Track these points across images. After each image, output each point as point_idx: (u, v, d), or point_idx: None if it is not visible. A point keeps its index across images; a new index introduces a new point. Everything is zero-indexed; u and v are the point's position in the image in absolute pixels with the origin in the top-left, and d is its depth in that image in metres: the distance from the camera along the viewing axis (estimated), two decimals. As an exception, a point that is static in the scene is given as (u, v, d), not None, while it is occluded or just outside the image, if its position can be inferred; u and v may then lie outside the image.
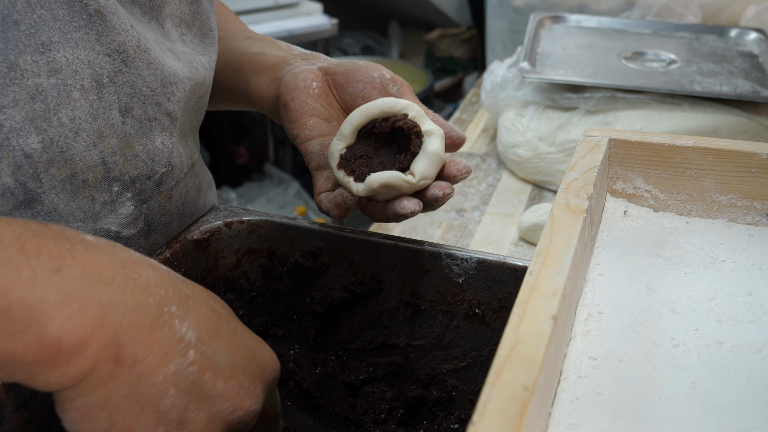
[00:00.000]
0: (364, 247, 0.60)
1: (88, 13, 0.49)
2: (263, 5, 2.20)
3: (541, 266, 0.42)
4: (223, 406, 0.40)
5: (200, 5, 0.60)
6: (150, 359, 0.37)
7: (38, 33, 0.46)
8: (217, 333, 0.41)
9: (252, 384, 0.42)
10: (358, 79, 0.60)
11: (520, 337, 0.37)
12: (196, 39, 0.61)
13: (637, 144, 0.58)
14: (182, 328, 0.38)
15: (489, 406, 0.32)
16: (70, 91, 0.48)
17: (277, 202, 2.75)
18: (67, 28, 0.48)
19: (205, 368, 0.39)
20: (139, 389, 0.37)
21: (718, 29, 1.24)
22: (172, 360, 0.37)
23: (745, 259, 0.54)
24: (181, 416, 0.38)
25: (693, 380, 0.42)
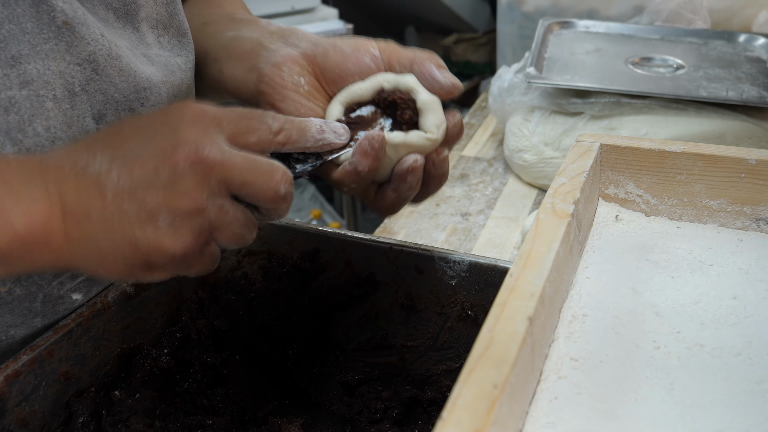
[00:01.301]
0: (359, 249, 0.62)
1: (56, 25, 0.50)
2: (280, 10, 2.22)
3: (522, 269, 0.43)
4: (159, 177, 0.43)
5: (176, 6, 0.61)
6: (93, 201, 0.42)
7: (8, 47, 0.48)
8: (124, 140, 0.45)
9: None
10: (352, 71, 0.56)
11: (495, 337, 0.38)
12: (174, 40, 0.61)
13: (628, 149, 0.59)
14: (96, 166, 0.43)
15: (458, 403, 0.33)
16: (43, 102, 0.50)
17: (293, 205, 2.77)
18: (37, 41, 0.49)
19: (128, 167, 0.43)
20: (107, 219, 0.42)
21: (726, 35, 1.24)
22: (104, 188, 0.43)
23: (732, 263, 0.54)
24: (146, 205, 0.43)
25: (671, 381, 0.43)
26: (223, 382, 0.62)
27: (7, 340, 0.53)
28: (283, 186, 0.46)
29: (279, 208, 0.47)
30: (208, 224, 0.44)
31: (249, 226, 0.47)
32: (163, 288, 0.59)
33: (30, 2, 0.48)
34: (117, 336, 0.56)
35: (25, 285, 0.53)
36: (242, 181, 0.45)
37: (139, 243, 0.43)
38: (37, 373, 0.49)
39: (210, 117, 0.45)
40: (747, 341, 0.46)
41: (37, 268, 0.44)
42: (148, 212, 0.43)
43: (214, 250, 0.46)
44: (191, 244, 0.44)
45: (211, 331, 0.62)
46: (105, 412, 0.52)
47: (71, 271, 0.47)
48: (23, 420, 0.48)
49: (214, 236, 0.45)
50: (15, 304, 0.52)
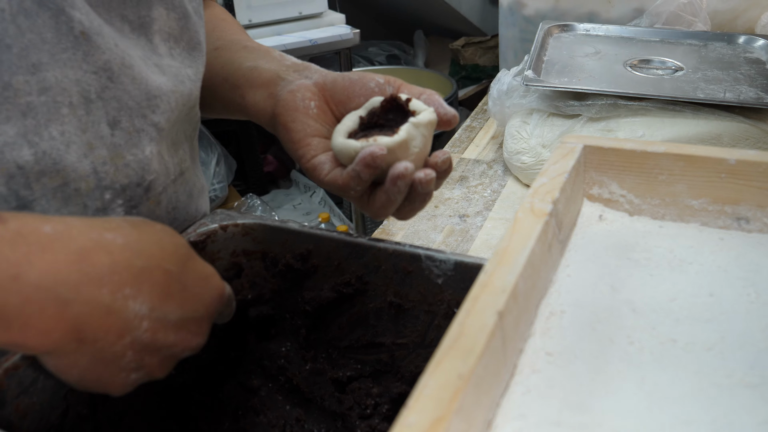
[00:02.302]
0: (349, 249, 0.63)
1: (74, 35, 0.52)
2: (288, 16, 2.25)
3: (496, 265, 0.45)
4: (173, 351, 0.48)
5: (189, 20, 0.64)
6: (108, 337, 0.44)
7: (29, 55, 0.50)
8: (168, 296, 0.47)
9: (199, 327, 0.49)
10: (358, 93, 0.63)
11: (464, 330, 0.39)
12: (184, 53, 0.64)
13: (611, 150, 0.60)
14: (135, 306, 0.45)
15: (424, 392, 0.35)
16: (59, 108, 0.52)
17: (302, 209, 2.79)
18: (55, 50, 0.52)
19: (157, 330, 0.46)
20: (102, 356, 0.44)
21: (726, 36, 1.25)
22: (128, 334, 0.44)
23: (711, 261, 0.55)
24: (138, 365, 0.46)
25: (642, 375, 0.45)
26: (217, 378, 0.63)
27: None
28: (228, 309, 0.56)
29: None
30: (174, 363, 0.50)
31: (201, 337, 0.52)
32: (158, 287, 0.61)
33: (50, 13, 0.51)
34: (113, 333, 0.57)
35: None
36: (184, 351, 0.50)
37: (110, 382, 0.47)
38: (36, 367, 0.51)
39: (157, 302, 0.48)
40: (720, 336, 0.47)
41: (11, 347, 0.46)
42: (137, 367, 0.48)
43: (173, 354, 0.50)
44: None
45: (206, 329, 0.63)
46: (101, 405, 0.53)
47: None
48: (22, 412, 0.50)
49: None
50: None
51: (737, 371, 0.44)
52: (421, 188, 0.57)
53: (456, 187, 1.13)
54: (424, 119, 0.58)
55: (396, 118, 0.60)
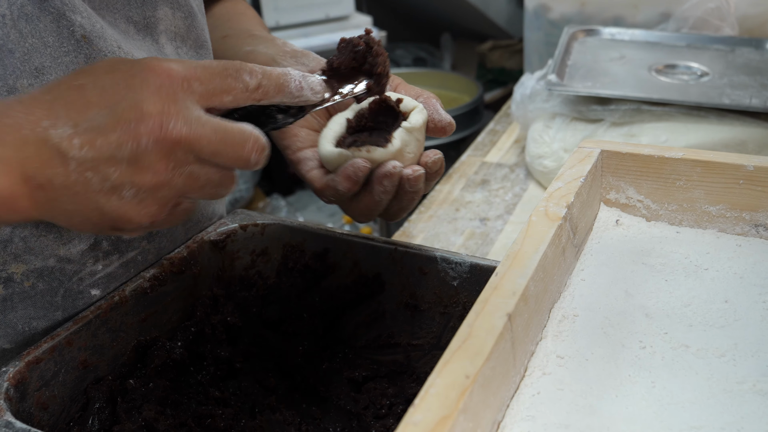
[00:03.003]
0: (366, 250, 0.64)
1: (75, 38, 0.53)
2: (315, 18, 2.27)
3: (508, 268, 0.45)
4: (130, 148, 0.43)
5: (194, 19, 0.64)
6: (56, 170, 0.42)
7: (31, 59, 0.51)
8: (88, 104, 0.43)
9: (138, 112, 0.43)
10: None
11: (473, 332, 0.40)
12: (191, 51, 0.65)
13: (628, 155, 0.60)
14: (58, 132, 0.42)
15: (431, 392, 0.35)
16: None
17: (327, 210, 2.81)
18: (58, 53, 0.52)
19: (93, 139, 0.42)
20: (71, 189, 0.42)
21: (754, 41, 1.23)
22: (69, 158, 0.42)
23: (728, 268, 0.55)
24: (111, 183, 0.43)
25: (653, 380, 0.45)
26: (234, 375, 0.65)
27: (30, 331, 0.56)
28: (254, 155, 0.45)
29: (250, 168, 0.46)
30: (176, 192, 0.44)
31: (223, 183, 0.46)
32: (179, 285, 0.63)
33: (51, 18, 0.52)
34: (134, 328, 0.59)
35: (47, 280, 0.56)
36: (211, 152, 0.44)
37: (105, 211, 0.43)
38: (57, 361, 0.52)
39: (178, 80, 0.44)
40: (733, 343, 0.47)
41: (8, 223, 0.46)
42: (111, 184, 0.43)
43: (187, 206, 0.47)
44: (157, 213, 0.44)
45: (224, 326, 0.64)
46: (120, 399, 0.55)
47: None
48: (43, 404, 0.51)
49: (186, 197, 0.46)
50: (38, 298, 0.56)
51: (749, 378, 0.44)
52: (409, 186, 0.56)
53: (477, 190, 1.13)
54: (417, 123, 0.56)
55: (386, 120, 0.58)
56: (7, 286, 0.54)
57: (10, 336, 0.55)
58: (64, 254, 0.56)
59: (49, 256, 0.56)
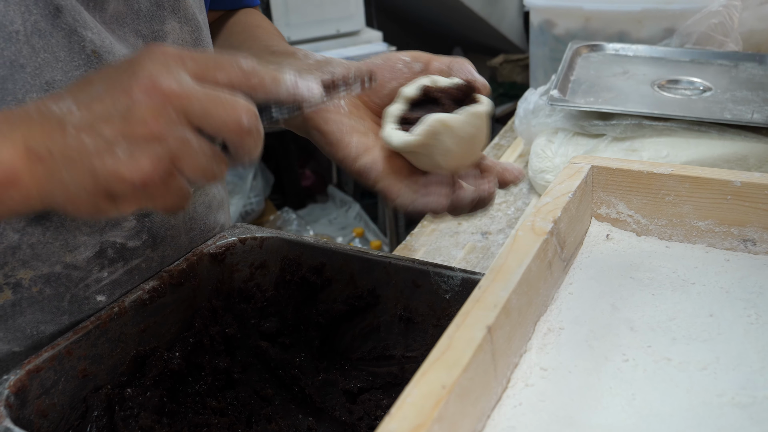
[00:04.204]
0: (361, 263, 0.65)
1: (85, 53, 0.55)
2: (326, 34, 2.30)
3: (491, 282, 0.46)
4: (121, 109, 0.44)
5: (201, 33, 0.66)
6: (54, 137, 0.44)
7: (42, 73, 0.53)
8: (89, 83, 0.46)
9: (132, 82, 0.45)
10: (388, 78, 0.60)
11: (452, 343, 0.41)
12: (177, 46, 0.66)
13: (618, 171, 0.61)
14: (60, 106, 0.45)
15: (407, 401, 0.37)
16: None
17: (338, 223, 2.83)
18: (68, 68, 0.55)
19: (90, 104, 0.44)
20: (68, 156, 0.44)
21: (758, 57, 1.24)
22: (66, 124, 0.44)
23: (715, 282, 0.56)
24: (106, 142, 0.44)
25: (634, 392, 0.45)
26: (232, 386, 0.66)
27: (38, 335, 0.58)
28: (245, 117, 0.45)
29: (245, 142, 0.46)
30: (168, 153, 0.44)
31: (216, 159, 0.46)
32: (178, 297, 0.64)
33: (63, 33, 0.54)
34: (133, 338, 0.60)
35: (54, 286, 0.58)
36: (202, 111, 0.44)
37: (98, 173, 0.44)
38: (57, 370, 0.54)
39: (172, 55, 0.46)
40: (715, 356, 0.48)
41: (12, 210, 0.45)
42: (105, 143, 0.43)
43: (181, 184, 0.46)
44: (149, 171, 0.44)
45: (223, 338, 0.66)
46: (117, 407, 0.56)
47: (43, 211, 0.48)
48: (43, 411, 0.53)
49: (178, 167, 0.45)
50: (45, 303, 0.58)
51: (728, 391, 0.45)
52: (484, 202, 0.58)
53: (480, 204, 1.14)
54: (484, 109, 0.55)
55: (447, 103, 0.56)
56: (15, 292, 0.57)
57: (19, 339, 0.58)
58: (70, 261, 0.58)
59: (55, 263, 0.58)
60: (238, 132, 0.45)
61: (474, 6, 2.92)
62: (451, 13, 3.03)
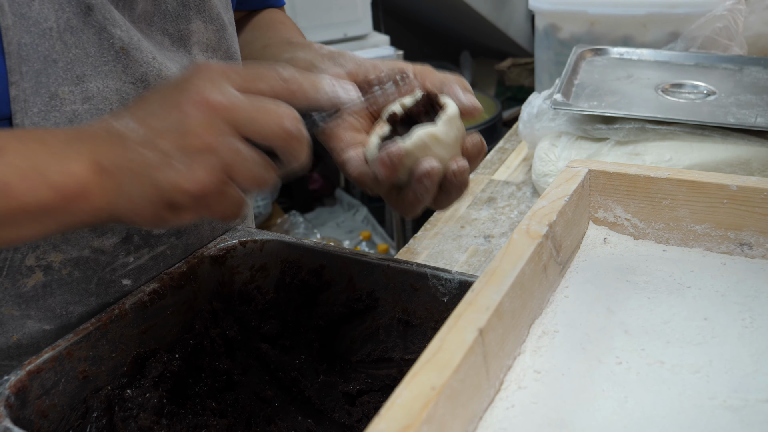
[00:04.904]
0: (360, 266, 0.66)
1: (114, 50, 0.59)
2: (334, 37, 2.31)
3: (484, 285, 0.47)
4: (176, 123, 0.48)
5: (225, 32, 0.69)
6: (117, 151, 0.48)
7: (74, 68, 0.56)
8: (144, 101, 0.51)
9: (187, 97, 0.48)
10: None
11: (444, 345, 0.41)
12: (221, 62, 0.70)
13: (615, 175, 0.61)
14: (122, 123, 0.49)
15: (397, 402, 0.37)
16: (101, 114, 0.58)
17: (345, 227, 2.83)
18: (98, 63, 0.58)
19: (149, 120, 0.49)
20: (131, 169, 0.48)
21: (763, 60, 1.24)
22: (128, 140, 0.48)
23: (710, 286, 0.56)
24: (163, 153, 0.47)
25: (626, 395, 0.46)
26: (232, 387, 0.66)
27: (67, 315, 0.61)
28: (288, 122, 0.48)
29: (291, 146, 0.49)
30: (222, 163, 0.47)
31: (266, 167, 0.49)
32: (179, 299, 0.65)
33: (93, 30, 0.57)
34: (133, 340, 0.61)
35: (82, 269, 0.61)
36: (249, 120, 0.48)
37: (161, 185, 0.47)
38: (57, 371, 0.55)
39: (217, 70, 0.50)
40: (708, 360, 0.48)
41: (81, 221, 0.49)
42: (164, 156, 0.47)
43: (235, 193, 0.49)
44: (206, 181, 0.47)
45: (223, 340, 0.66)
46: (117, 408, 0.57)
47: (111, 222, 0.53)
48: (43, 412, 0.54)
49: (231, 176, 0.48)
50: (74, 285, 0.61)
51: (720, 394, 0.45)
52: (456, 179, 0.58)
53: (483, 208, 1.14)
54: (452, 113, 0.57)
55: (429, 116, 0.59)
56: (46, 273, 0.60)
57: (50, 318, 0.61)
58: (98, 246, 0.62)
59: (84, 247, 0.61)
60: (284, 137, 0.48)
61: (482, 10, 2.93)
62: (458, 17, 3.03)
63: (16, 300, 0.59)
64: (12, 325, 0.60)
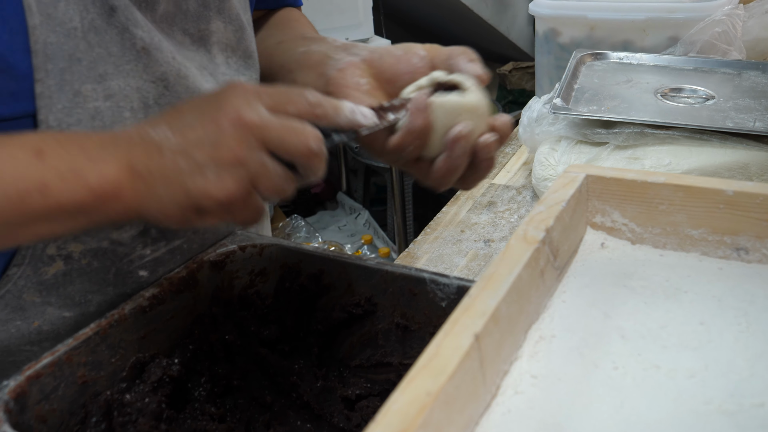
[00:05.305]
0: (359, 271, 0.66)
1: (136, 49, 0.60)
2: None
3: (481, 290, 0.47)
4: (211, 137, 0.52)
5: (244, 32, 0.71)
6: (153, 157, 0.52)
7: (97, 67, 0.58)
8: (181, 113, 0.54)
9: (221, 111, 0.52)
10: (403, 71, 0.66)
11: (440, 351, 0.41)
12: (240, 61, 0.72)
13: (613, 180, 0.62)
14: (158, 132, 0.53)
15: (393, 408, 0.37)
16: (122, 112, 0.60)
17: (347, 230, 2.84)
18: (120, 62, 0.59)
19: (184, 131, 0.52)
20: (164, 175, 0.52)
21: (761, 65, 1.24)
22: (164, 148, 0.52)
23: (707, 290, 0.56)
24: (195, 163, 0.51)
25: (622, 400, 0.46)
26: (231, 392, 0.67)
27: (86, 303, 0.64)
28: (313, 142, 0.52)
29: (312, 163, 0.53)
30: (249, 175, 0.51)
31: (287, 180, 0.53)
32: (178, 304, 0.65)
33: (116, 31, 0.59)
34: (133, 345, 0.61)
35: (101, 260, 0.63)
36: (278, 139, 0.52)
37: (191, 191, 0.51)
38: (56, 376, 0.55)
39: (251, 90, 0.54)
40: (704, 364, 0.48)
41: (112, 219, 0.53)
42: (197, 165, 0.51)
43: (258, 202, 0.53)
44: (233, 190, 0.51)
45: (223, 344, 0.67)
46: (116, 412, 0.57)
47: (140, 220, 0.56)
48: (42, 417, 0.54)
49: (256, 187, 0.52)
50: (92, 275, 0.64)
51: (716, 398, 0.45)
52: (483, 153, 0.61)
53: (484, 212, 1.15)
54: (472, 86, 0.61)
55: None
56: (67, 263, 0.62)
57: (69, 306, 0.63)
58: (116, 238, 0.63)
59: (103, 239, 0.63)
60: (308, 155, 0.53)
61: (483, 14, 2.93)
62: (460, 21, 3.03)
63: (38, 287, 0.62)
64: (33, 311, 0.62)
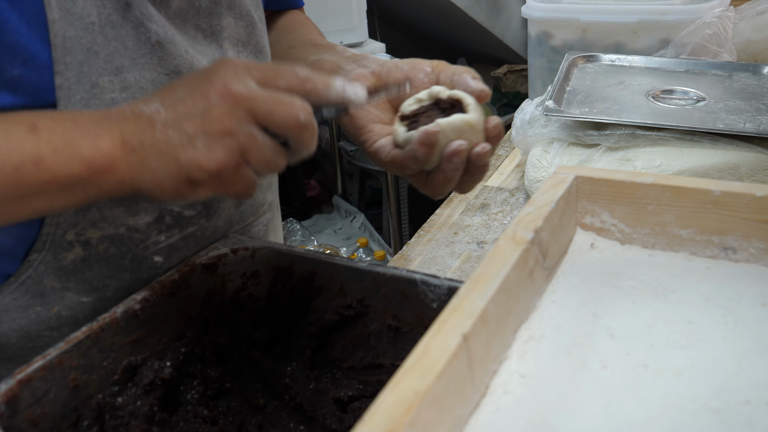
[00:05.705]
0: (351, 273, 0.66)
1: (151, 43, 0.62)
2: (329, 46, 2.31)
3: (469, 290, 0.47)
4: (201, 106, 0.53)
5: (255, 27, 0.73)
6: (145, 131, 0.53)
7: (113, 60, 0.60)
8: (172, 88, 0.56)
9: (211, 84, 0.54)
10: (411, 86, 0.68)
11: (428, 351, 0.42)
12: (251, 56, 0.73)
13: (602, 181, 0.62)
14: (150, 107, 0.54)
15: (381, 407, 0.37)
16: None
17: (343, 233, 2.84)
18: (135, 55, 0.61)
19: (175, 105, 0.54)
20: (156, 148, 0.53)
21: (752, 67, 1.25)
22: (155, 121, 0.53)
23: (695, 290, 0.56)
24: (187, 135, 0.53)
25: (610, 398, 0.46)
26: (224, 395, 0.67)
27: (103, 288, 0.66)
28: (302, 114, 0.53)
29: (303, 136, 0.54)
30: (239, 146, 0.52)
31: (277, 153, 0.54)
32: (170, 307, 0.65)
33: (132, 25, 0.61)
34: (125, 348, 0.61)
35: (118, 246, 0.66)
36: (267, 111, 0.52)
37: (182, 162, 0.52)
38: (48, 379, 0.55)
39: (241, 65, 0.55)
40: (691, 363, 0.49)
41: (107, 192, 0.54)
42: (187, 137, 0.52)
43: (248, 174, 0.54)
44: (223, 160, 0.52)
45: (215, 347, 0.67)
46: (108, 416, 0.57)
47: (133, 194, 0.57)
48: (34, 421, 0.54)
49: (246, 159, 0.53)
50: (110, 260, 0.66)
51: (702, 396, 0.45)
52: (478, 161, 0.63)
53: (477, 214, 1.15)
54: (473, 119, 0.63)
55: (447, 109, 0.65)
56: (85, 249, 0.64)
57: (87, 291, 0.65)
58: (132, 224, 0.65)
59: (119, 225, 0.65)
60: (297, 127, 0.54)
61: (478, 17, 2.94)
62: (455, 24, 3.04)
63: (57, 273, 0.64)
64: (53, 296, 0.64)
